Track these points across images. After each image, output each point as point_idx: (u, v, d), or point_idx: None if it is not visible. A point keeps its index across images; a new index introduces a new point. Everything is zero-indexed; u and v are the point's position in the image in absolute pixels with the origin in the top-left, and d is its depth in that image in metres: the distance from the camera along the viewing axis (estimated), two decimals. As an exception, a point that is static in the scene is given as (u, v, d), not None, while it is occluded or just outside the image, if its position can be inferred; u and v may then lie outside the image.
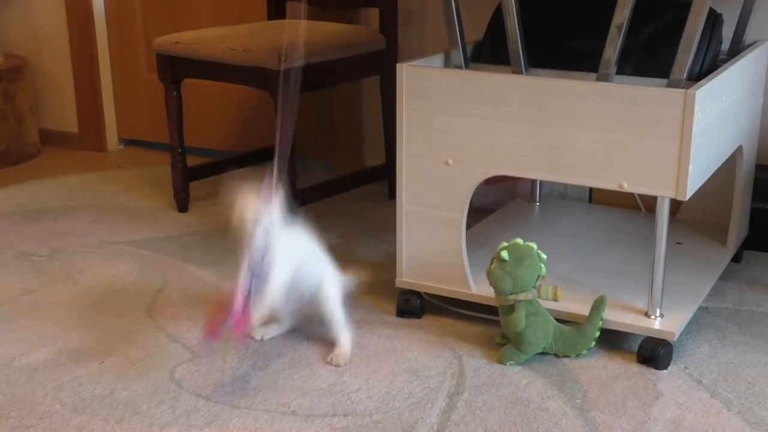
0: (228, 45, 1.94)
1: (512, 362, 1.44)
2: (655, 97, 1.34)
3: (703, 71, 1.52)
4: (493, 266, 1.43)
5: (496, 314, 1.47)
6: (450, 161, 1.50)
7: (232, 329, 1.30)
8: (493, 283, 1.43)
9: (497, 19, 1.67)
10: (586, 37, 1.58)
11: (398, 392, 1.37)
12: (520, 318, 1.41)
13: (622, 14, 1.38)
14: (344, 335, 1.47)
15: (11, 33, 2.75)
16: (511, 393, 1.36)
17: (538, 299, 1.43)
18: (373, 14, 2.23)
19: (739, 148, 1.67)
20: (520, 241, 1.43)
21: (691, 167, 1.35)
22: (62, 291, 1.74)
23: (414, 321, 1.60)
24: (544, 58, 1.59)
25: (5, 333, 1.57)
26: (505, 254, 1.40)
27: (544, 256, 1.42)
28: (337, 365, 1.43)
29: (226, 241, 1.98)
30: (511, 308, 1.43)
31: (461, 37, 1.56)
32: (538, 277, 1.41)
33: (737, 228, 1.76)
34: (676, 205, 1.87)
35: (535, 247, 1.42)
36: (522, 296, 1.41)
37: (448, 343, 1.52)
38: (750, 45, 1.71)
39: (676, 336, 1.43)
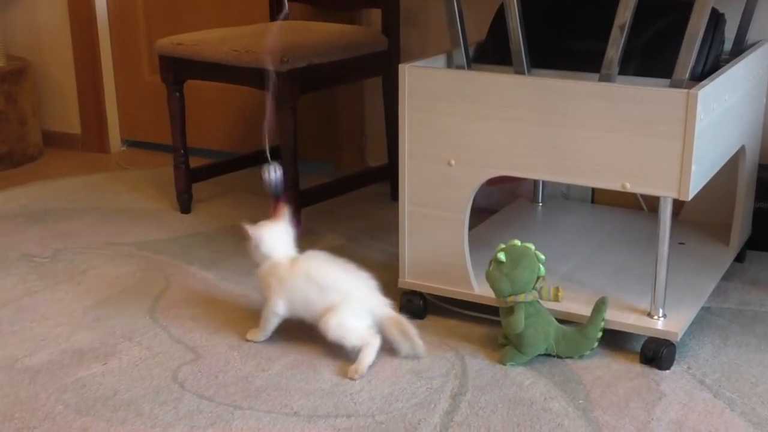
0: (230, 46, 1.95)
1: (513, 363, 1.44)
2: (658, 98, 1.34)
3: (705, 71, 1.52)
4: (491, 268, 1.43)
5: (499, 315, 1.47)
6: (452, 162, 1.51)
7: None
8: (491, 286, 1.43)
9: (499, 19, 1.67)
10: (589, 38, 1.58)
11: (401, 393, 1.37)
12: (519, 319, 1.41)
13: (624, 15, 1.38)
14: (364, 352, 1.43)
15: (14, 35, 2.75)
16: (514, 393, 1.36)
17: (539, 300, 1.43)
18: (376, 15, 2.23)
19: (742, 148, 1.66)
20: (517, 242, 1.43)
21: (693, 167, 1.35)
22: (65, 292, 1.75)
23: (417, 321, 1.60)
24: (546, 58, 1.59)
25: (9, 334, 1.57)
26: (502, 256, 1.41)
27: (543, 257, 1.42)
28: (351, 378, 1.41)
29: (229, 242, 1.99)
30: (511, 310, 1.43)
31: (463, 38, 1.56)
32: (538, 278, 1.41)
33: (740, 228, 1.75)
34: (678, 205, 1.87)
35: (533, 247, 1.42)
36: (521, 297, 1.41)
37: (451, 343, 1.52)
38: (752, 45, 1.71)
39: (679, 336, 1.43)
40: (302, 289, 1.46)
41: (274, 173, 1.53)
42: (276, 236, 1.51)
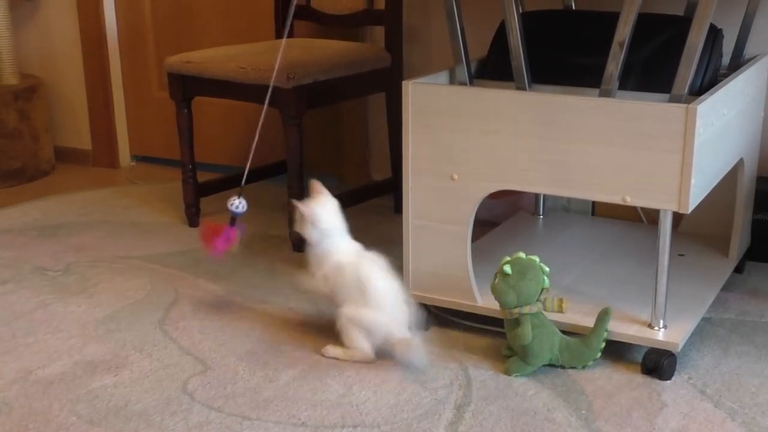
0: (237, 64, 1.98)
1: (518, 374, 1.46)
2: (657, 112, 1.36)
3: (704, 86, 1.54)
4: (497, 281, 1.45)
5: (502, 326, 1.50)
6: (455, 176, 1.53)
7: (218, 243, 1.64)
8: (497, 298, 1.45)
9: (501, 36, 1.70)
10: (589, 53, 1.61)
11: (406, 403, 1.39)
12: (526, 331, 1.43)
13: (623, 31, 1.41)
14: (347, 354, 1.51)
15: (27, 53, 2.80)
16: (518, 404, 1.38)
17: (543, 312, 1.46)
18: (379, 32, 2.26)
19: (741, 160, 1.69)
20: (522, 254, 1.45)
21: (693, 181, 1.36)
22: (77, 305, 1.78)
23: (421, 333, 1.63)
24: (547, 74, 1.61)
25: (22, 346, 1.60)
26: (507, 268, 1.43)
27: (547, 269, 1.44)
28: (321, 353, 1.50)
29: (236, 255, 2.02)
30: (516, 321, 1.45)
31: (466, 54, 1.59)
32: (542, 289, 1.44)
33: (739, 239, 1.77)
34: (678, 217, 1.89)
35: (538, 260, 1.44)
36: (527, 309, 1.43)
37: (455, 354, 1.54)
38: (750, 59, 1.74)
39: (680, 347, 1.44)
40: (350, 285, 1.50)
41: (239, 205, 1.68)
42: (329, 211, 1.55)
